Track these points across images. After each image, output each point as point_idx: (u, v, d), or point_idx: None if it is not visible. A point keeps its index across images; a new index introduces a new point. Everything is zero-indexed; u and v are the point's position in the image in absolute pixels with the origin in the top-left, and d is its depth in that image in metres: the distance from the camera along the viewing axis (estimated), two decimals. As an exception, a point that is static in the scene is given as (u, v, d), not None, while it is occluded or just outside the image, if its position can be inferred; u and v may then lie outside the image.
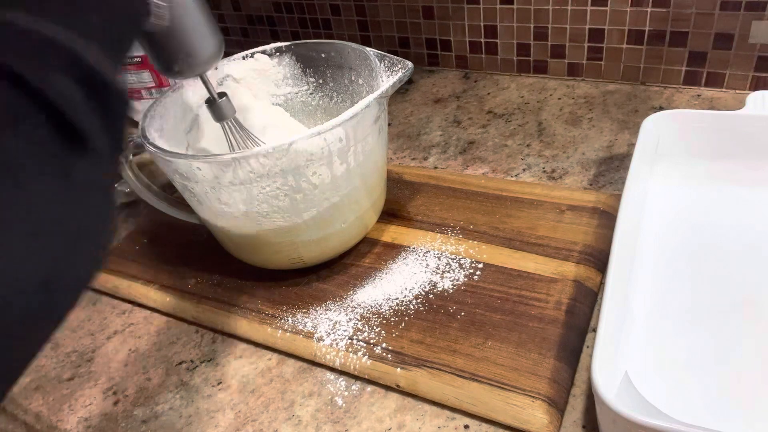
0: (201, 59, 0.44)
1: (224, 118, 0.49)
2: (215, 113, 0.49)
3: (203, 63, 0.44)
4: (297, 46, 0.58)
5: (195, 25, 0.42)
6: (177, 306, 0.53)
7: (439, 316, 0.47)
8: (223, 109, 0.48)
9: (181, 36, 0.42)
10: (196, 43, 0.43)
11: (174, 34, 0.42)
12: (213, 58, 0.45)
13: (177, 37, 0.42)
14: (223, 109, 0.48)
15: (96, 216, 0.27)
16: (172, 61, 0.43)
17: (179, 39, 0.42)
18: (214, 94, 0.48)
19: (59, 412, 0.47)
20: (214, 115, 0.49)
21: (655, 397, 0.37)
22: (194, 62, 0.44)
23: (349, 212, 0.50)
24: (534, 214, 0.54)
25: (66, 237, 0.25)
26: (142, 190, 0.55)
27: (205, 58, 0.44)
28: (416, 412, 0.42)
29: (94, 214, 0.27)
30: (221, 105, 0.48)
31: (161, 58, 0.43)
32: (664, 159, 0.55)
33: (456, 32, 0.83)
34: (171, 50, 0.42)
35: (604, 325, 0.37)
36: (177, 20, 0.41)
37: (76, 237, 0.25)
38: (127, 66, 0.79)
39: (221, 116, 0.49)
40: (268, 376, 0.47)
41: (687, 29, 0.68)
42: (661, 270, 0.47)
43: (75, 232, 0.25)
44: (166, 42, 0.42)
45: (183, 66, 0.43)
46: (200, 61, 0.44)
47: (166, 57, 0.43)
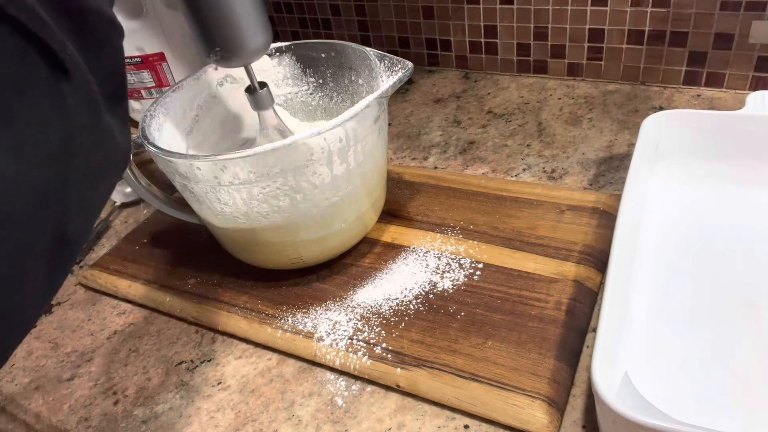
0: (248, 50, 0.45)
1: (264, 107, 0.50)
2: (255, 102, 0.50)
3: (250, 54, 0.45)
4: (297, 46, 0.58)
5: (244, 11, 0.43)
6: (177, 306, 0.53)
7: (439, 316, 0.47)
8: (263, 99, 0.50)
9: (229, 21, 0.43)
10: (244, 31, 0.44)
11: (222, 17, 0.42)
12: (260, 51, 0.46)
13: (225, 21, 0.43)
14: (263, 99, 0.50)
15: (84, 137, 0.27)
16: (219, 44, 0.44)
17: (227, 23, 0.43)
18: (256, 84, 0.49)
19: (59, 412, 0.47)
20: (253, 104, 0.50)
21: (655, 397, 0.37)
22: (240, 51, 0.45)
23: (349, 212, 0.50)
24: (534, 214, 0.54)
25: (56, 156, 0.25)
26: (142, 190, 0.55)
27: (252, 49, 0.45)
28: (416, 412, 0.42)
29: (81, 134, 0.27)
30: (262, 95, 0.50)
31: (204, 39, 0.44)
32: (664, 159, 0.55)
33: (456, 32, 0.83)
34: (221, 33, 0.43)
35: (604, 325, 0.37)
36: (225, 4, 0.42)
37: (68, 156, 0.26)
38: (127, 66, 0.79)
39: (261, 106, 0.50)
40: (268, 376, 0.47)
41: (687, 29, 0.68)
42: (661, 270, 0.47)
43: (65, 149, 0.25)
44: (213, 24, 0.43)
45: (227, 53, 0.44)
46: (247, 52, 0.45)
47: (210, 40, 0.44)
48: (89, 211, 0.29)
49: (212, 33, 0.44)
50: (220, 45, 0.44)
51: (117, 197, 0.71)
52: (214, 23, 0.43)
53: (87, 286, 0.59)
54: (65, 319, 0.56)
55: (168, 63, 0.79)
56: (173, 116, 0.55)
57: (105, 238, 0.66)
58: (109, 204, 0.72)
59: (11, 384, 0.50)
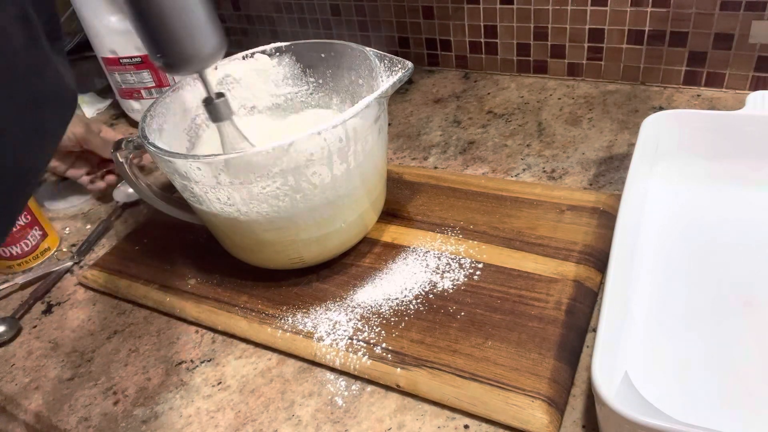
0: (195, 57, 0.42)
1: (221, 119, 0.47)
2: (212, 114, 0.47)
3: (197, 62, 0.42)
4: (297, 46, 0.58)
5: (188, 16, 0.40)
6: (177, 306, 0.53)
7: (439, 316, 0.47)
8: (220, 110, 0.47)
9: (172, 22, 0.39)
10: (189, 37, 0.40)
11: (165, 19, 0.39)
12: (212, 57, 0.43)
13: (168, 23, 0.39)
14: (221, 109, 0.47)
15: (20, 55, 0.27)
16: (161, 49, 0.41)
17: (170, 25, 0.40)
18: (212, 93, 0.46)
19: (59, 412, 0.47)
20: (210, 115, 0.47)
21: (655, 397, 0.37)
22: (186, 59, 0.41)
23: (349, 212, 0.50)
24: (534, 214, 0.54)
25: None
26: (142, 190, 0.55)
27: (201, 57, 0.42)
28: (416, 412, 0.42)
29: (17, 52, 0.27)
30: (218, 105, 0.46)
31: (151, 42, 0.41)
32: (664, 159, 0.55)
33: (456, 32, 0.83)
34: (161, 37, 0.40)
35: (604, 325, 0.37)
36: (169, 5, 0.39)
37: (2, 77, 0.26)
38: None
39: (218, 117, 0.47)
40: (268, 376, 0.47)
41: (687, 29, 0.68)
42: (661, 270, 0.47)
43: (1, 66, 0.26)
44: (155, 29, 0.40)
45: (174, 59, 0.41)
46: (194, 60, 0.42)
47: (156, 43, 0.41)
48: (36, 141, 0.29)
49: (155, 38, 0.40)
50: (163, 52, 0.41)
51: (117, 197, 0.71)
52: (154, 28, 0.40)
53: (87, 286, 0.59)
54: (65, 319, 0.56)
55: (168, 63, 0.79)
56: (173, 116, 0.55)
57: (105, 238, 0.66)
58: (109, 204, 0.72)
59: (11, 384, 0.50)
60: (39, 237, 0.64)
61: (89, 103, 0.96)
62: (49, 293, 0.60)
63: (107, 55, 0.79)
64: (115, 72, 0.81)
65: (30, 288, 0.61)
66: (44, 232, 0.64)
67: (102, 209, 0.71)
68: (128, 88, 0.82)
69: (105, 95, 0.98)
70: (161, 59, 0.41)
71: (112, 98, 0.96)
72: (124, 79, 0.81)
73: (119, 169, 0.53)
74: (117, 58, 0.79)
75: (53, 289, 0.60)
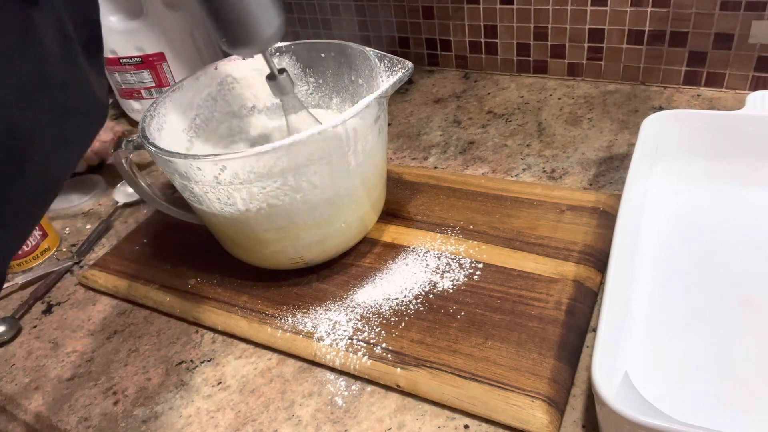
0: (263, 36, 0.46)
1: (285, 93, 0.51)
2: (276, 88, 0.51)
3: (265, 40, 0.46)
4: (297, 46, 0.58)
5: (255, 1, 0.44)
6: (177, 306, 0.53)
7: (439, 316, 0.47)
8: (283, 85, 0.51)
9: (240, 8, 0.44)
10: (253, 19, 0.44)
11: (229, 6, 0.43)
12: (275, 37, 0.47)
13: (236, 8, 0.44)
14: (284, 84, 0.51)
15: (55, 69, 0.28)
16: (228, 32, 0.45)
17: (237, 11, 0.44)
18: (275, 70, 0.50)
19: (59, 412, 0.47)
20: (274, 89, 0.51)
21: (655, 397, 0.37)
22: (256, 38, 0.45)
23: (349, 212, 0.50)
24: (534, 214, 0.54)
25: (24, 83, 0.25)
26: (142, 190, 0.55)
27: (267, 36, 0.46)
28: (416, 412, 0.42)
29: (53, 66, 0.27)
30: (282, 81, 0.50)
31: (221, 28, 0.45)
32: (664, 159, 0.55)
33: (456, 32, 0.83)
34: (229, 21, 0.44)
35: (604, 325, 0.37)
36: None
37: (38, 86, 0.26)
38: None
39: (282, 91, 0.51)
40: (268, 376, 0.47)
41: (687, 29, 0.68)
42: (661, 270, 0.47)
43: (31, 81, 0.26)
44: (222, 13, 0.44)
45: (244, 40, 0.45)
46: (258, 41, 0.46)
47: (224, 26, 0.45)
48: (63, 151, 0.30)
49: (222, 21, 0.45)
50: (229, 35, 0.45)
51: (117, 197, 0.71)
52: (222, 11, 0.44)
53: (87, 286, 0.59)
54: (65, 319, 0.56)
55: (168, 63, 0.79)
56: (173, 116, 0.55)
57: (105, 238, 0.66)
58: (109, 204, 0.72)
59: (11, 384, 0.50)
60: (39, 237, 0.64)
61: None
62: (49, 293, 0.60)
63: (107, 55, 0.79)
64: (115, 72, 0.81)
65: (30, 288, 0.61)
66: (44, 232, 0.64)
67: (102, 209, 0.71)
68: (128, 88, 0.82)
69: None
70: (227, 41, 0.46)
71: (112, 98, 0.96)
72: (124, 79, 0.81)
73: (119, 169, 0.53)
74: (117, 58, 0.79)
75: (53, 289, 0.60)
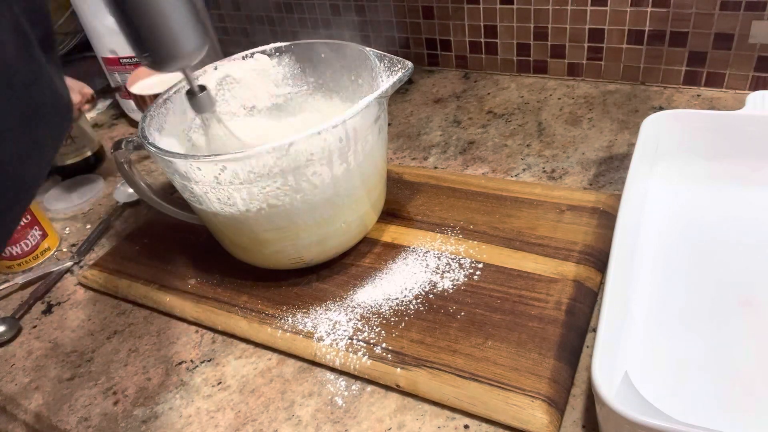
0: (183, 51, 0.43)
1: (204, 111, 0.50)
2: (195, 106, 0.49)
3: (186, 56, 0.44)
4: (297, 46, 0.58)
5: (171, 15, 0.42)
6: (177, 306, 0.53)
7: (439, 316, 0.47)
8: (203, 103, 0.49)
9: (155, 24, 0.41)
10: (173, 35, 0.42)
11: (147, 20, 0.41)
12: (196, 53, 0.44)
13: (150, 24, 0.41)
14: (203, 102, 0.49)
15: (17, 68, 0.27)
16: (146, 49, 0.43)
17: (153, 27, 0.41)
18: (195, 87, 0.48)
19: (59, 412, 0.47)
20: (194, 107, 0.50)
21: (655, 397, 0.37)
22: (177, 54, 0.43)
23: (349, 212, 0.50)
24: (534, 214, 0.54)
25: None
26: (142, 190, 0.55)
27: (188, 51, 0.44)
28: (416, 412, 0.42)
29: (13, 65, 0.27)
30: (201, 98, 0.49)
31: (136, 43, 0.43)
32: (664, 159, 0.55)
33: (456, 32, 0.83)
34: (145, 37, 0.42)
35: (604, 325, 0.37)
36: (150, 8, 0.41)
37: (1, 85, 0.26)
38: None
39: (201, 109, 0.50)
40: (268, 376, 0.47)
41: (687, 29, 0.68)
42: (660, 270, 0.47)
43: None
44: (140, 28, 0.41)
45: (159, 57, 0.43)
46: (177, 57, 0.44)
47: (141, 43, 0.42)
48: (34, 152, 0.29)
49: (140, 37, 0.42)
50: (149, 50, 0.43)
51: (117, 197, 0.71)
52: (139, 27, 0.42)
53: (87, 286, 0.59)
54: (65, 319, 0.56)
55: (168, 63, 0.79)
56: (173, 116, 0.55)
57: (105, 238, 0.66)
58: (109, 204, 0.72)
59: (11, 384, 0.50)
60: (39, 237, 0.64)
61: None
62: (49, 293, 0.60)
63: (107, 55, 0.79)
64: (115, 72, 0.81)
65: (30, 288, 0.61)
66: (44, 232, 0.64)
67: (102, 209, 0.71)
68: (128, 88, 0.82)
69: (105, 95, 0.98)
70: (147, 58, 0.43)
71: (111, 98, 0.96)
72: (124, 79, 0.81)
73: (119, 169, 0.53)
74: (117, 58, 0.79)
75: (53, 289, 0.60)
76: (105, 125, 0.91)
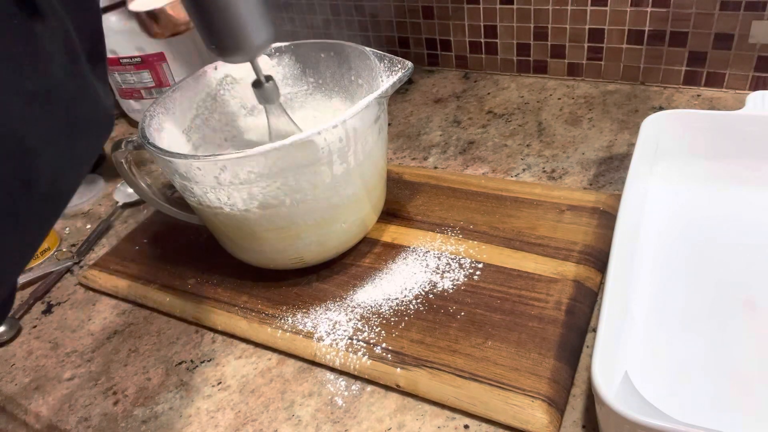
0: (252, 44, 0.45)
1: (270, 101, 0.51)
2: (262, 96, 0.50)
3: (254, 49, 0.45)
4: (297, 46, 0.58)
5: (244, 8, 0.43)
6: (177, 306, 0.53)
7: (439, 316, 0.47)
8: (269, 93, 0.50)
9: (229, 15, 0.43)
10: (244, 27, 0.44)
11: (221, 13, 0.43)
12: (264, 45, 0.46)
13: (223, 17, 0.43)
14: (270, 92, 0.50)
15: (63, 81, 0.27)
16: (216, 39, 0.44)
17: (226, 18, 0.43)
18: (262, 77, 0.49)
19: (59, 412, 0.47)
20: (260, 97, 0.50)
21: (655, 397, 0.37)
22: (246, 46, 0.45)
23: (349, 212, 0.50)
24: (534, 214, 0.54)
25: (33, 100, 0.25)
26: (142, 190, 0.55)
27: (257, 44, 0.45)
28: (416, 412, 0.42)
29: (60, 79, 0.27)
30: (268, 88, 0.50)
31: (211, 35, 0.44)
32: (664, 159, 0.55)
33: (456, 32, 0.83)
34: (217, 28, 0.43)
35: (604, 325, 0.37)
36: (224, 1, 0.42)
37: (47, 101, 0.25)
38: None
39: (268, 99, 0.50)
40: (268, 376, 0.47)
41: (687, 29, 0.68)
42: (661, 270, 0.47)
43: (38, 95, 0.25)
44: (212, 20, 0.43)
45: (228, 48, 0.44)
46: (247, 49, 0.45)
47: (212, 33, 0.44)
48: (72, 165, 0.29)
49: (211, 29, 0.44)
50: (218, 42, 0.44)
51: (117, 197, 0.71)
52: (212, 19, 0.43)
53: (87, 286, 0.59)
54: (65, 319, 0.56)
55: (168, 63, 0.79)
56: (173, 116, 0.55)
57: (105, 238, 0.66)
58: (109, 204, 0.72)
59: (11, 384, 0.50)
60: (39, 237, 0.63)
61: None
62: (49, 293, 0.60)
63: (107, 54, 0.79)
64: (115, 72, 0.81)
65: (30, 288, 0.61)
66: (44, 232, 0.64)
67: (102, 209, 0.71)
68: (128, 88, 0.82)
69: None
70: (215, 49, 0.45)
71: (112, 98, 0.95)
72: (124, 79, 0.81)
73: (119, 169, 0.53)
74: (117, 58, 0.79)
75: (53, 289, 0.60)
76: (105, 125, 0.91)
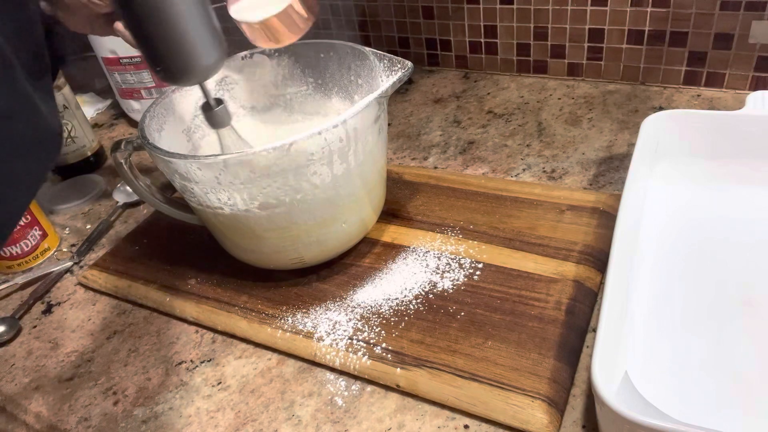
0: (200, 66, 0.40)
1: (222, 125, 0.46)
2: (212, 120, 0.46)
3: (203, 71, 0.41)
4: (297, 46, 0.58)
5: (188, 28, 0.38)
6: (177, 306, 0.53)
7: (439, 316, 0.47)
8: (221, 117, 0.46)
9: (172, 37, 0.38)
10: (191, 48, 0.39)
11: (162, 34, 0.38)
12: (214, 67, 0.41)
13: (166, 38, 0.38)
14: (221, 117, 0.46)
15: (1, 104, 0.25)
16: (160, 62, 0.39)
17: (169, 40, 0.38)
18: (212, 101, 0.45)
19: (59, 412, 0.47)
20: (210, 122, 0.46)
21: (655, 397, 0.37)
22: (193, 69, 0.40)
23: (349, 212, 0.50)
24: (534, 214, 0.54)
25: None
26: (142, 191, 0.55)
27: (205, 66, 0.40)
28: (416, 412, 0.42)
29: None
30: (218, 113, 0.45)
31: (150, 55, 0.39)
32: (664, 159, 0.55)
33: (456, 32, 0.83)
34: (160, 50, 0.39)
35: (604, 325, 0.37)
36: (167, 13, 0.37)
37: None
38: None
39: (219, 124, 0.46)
40: (268, 376, 0.47)
41: (687, 29, 0.68)
42: (660, 270, 0.47)
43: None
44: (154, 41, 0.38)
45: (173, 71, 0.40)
46: (193, 70, 0.40)
47: (156, 56, 0.39)
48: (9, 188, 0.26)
49: (155, 50, 0.39)
50: (162, 65, 0.39)
51: (117, 197, 0.71)
52: (156, 39, 0.38)
53: (87, 286, 0.59)
54: (65, 319, 0.56)
55: (168, 63, 0.79)
56: (173, 116, 0.55)
57: (105, 238, 0.66)
58: (109, 204, 0.72)
59: (11, 384, 0.50)
60: (39, 237, 0.64)
61: (89, 103, 0.96)
62: (49, 293, 0.60)
63: (107, 55, 0.79)
64: (115, 72, 0.81)
65: (30, 288, 0.61)
66: (44, 232, 0.64)
67: (102, 209, 0.71)
68: (128, 88, 0.82)
69: (105, 95, 0.98)
70: (160, 72, 0.40)
71: (112, 98, 0.96)
72: (124, 79, 0.81)
73: (118, 169, 0.53)
74: (117, 58, 0.79)
75: (53, 289, 0.60)
76: (105, 125, 0.91)
